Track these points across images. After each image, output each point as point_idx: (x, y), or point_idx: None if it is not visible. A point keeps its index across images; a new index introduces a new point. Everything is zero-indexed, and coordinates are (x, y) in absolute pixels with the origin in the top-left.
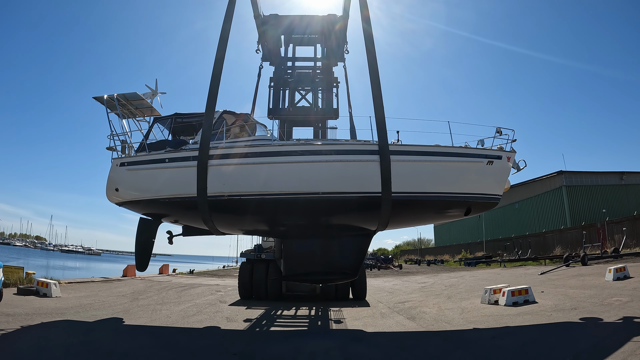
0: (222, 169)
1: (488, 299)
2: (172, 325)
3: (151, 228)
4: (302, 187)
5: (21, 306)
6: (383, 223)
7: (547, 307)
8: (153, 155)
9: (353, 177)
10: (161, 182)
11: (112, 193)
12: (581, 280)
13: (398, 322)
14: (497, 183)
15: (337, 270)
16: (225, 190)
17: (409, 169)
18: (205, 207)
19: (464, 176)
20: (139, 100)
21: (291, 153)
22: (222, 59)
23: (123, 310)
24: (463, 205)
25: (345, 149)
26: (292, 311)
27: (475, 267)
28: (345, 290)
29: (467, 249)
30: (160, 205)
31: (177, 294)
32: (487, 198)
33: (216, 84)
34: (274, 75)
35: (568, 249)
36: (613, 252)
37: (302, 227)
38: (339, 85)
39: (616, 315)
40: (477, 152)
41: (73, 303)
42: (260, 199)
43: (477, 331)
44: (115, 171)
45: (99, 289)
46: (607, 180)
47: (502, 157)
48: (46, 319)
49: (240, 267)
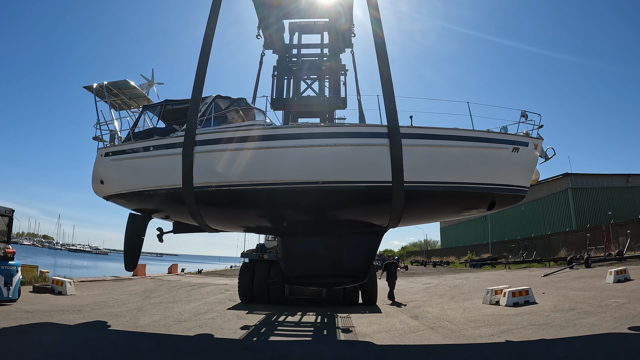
0: (209, 156)
1: (489, 300)
2: (185, 321)
3: (140, 224)
4: (298, 176)
5: (38, 303)
6: (394, 218)
7: (546, 308)
8: (137, 143)
9: (359, 164)
10: (146, 173)
11: (97, 186)
12: (583, 282)
13: (402, 320)
14: (523, 173)
15: (344, 272)
16: (213, 180)
17: (423, 155)
18: (191, 199)
19: (486, 164)
20: (131, 89)
21: (285, 137)
22: (212, 33)
23: (137, 308)
24: (486, 198)
25: (348, 131)
26: (295, 317)
27: (480, 269)
28: (354, 294)
29: (473, 250)
30: (146, 198)
31: (187, 292)
32: (512, 190)
33: (205, 61)
34: (278, 64)
35: (573, 251)
36: (617, 254)
37: (302, 223)
38: (347, 74)
39: (612, 315)
40: (501, 137)
41: (88, 300)
42: (251, 190)
43: (476, 329)
44: (99, 162)
45: (111, 287)
46: (613, 182)
47: (528, 143)
48: (64, 315)
49: (241, 268)
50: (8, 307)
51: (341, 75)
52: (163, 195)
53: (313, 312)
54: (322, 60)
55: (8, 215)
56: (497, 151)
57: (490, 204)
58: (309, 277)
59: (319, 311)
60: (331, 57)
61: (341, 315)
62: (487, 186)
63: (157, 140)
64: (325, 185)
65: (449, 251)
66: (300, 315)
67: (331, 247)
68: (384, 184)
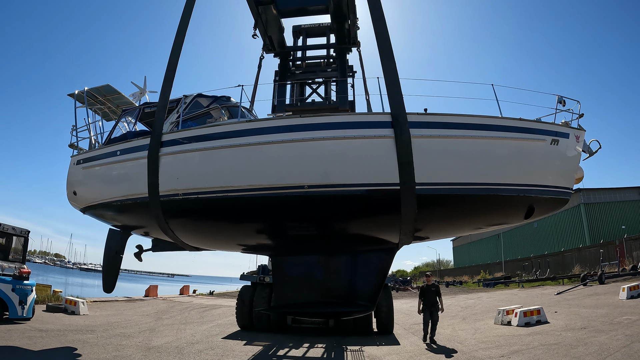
0: (175, 158)
1: (501, 320)
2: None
3: (119, 241)
4: (278, 180)
5: (52, 322)
6: (407, 231)
7: (558, 327)
8: (106, 148)
9: (355, 162)
10: (114, 181)
11: (71, 197)
12: (595, 300)
13: (412, 342)
14: (565, 171)
15: (347, 299)
16: (180, 187)
17: (440, 149)
18: (158, 211)
19: (521, 160)
20: (115, 94)
21: (261, 131)
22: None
23: (149, 329)
24: (523, 203)
25: (340, 121)
26: (299, 350)
27: (493, 288)
28: (367, 322)
29: (486, 269)
30: (115, 210)
31: (199, 314)
32: (554, 192)
33: (177, 52)
34: (280, 68)
35: (587, 268)
36: (631, 269)
37: (290, 238)
38: (355, 75)
39: (623, 333)
40: (537, 126)
41: (101, 321)
42: (222, 198)
43: (486, 350)
44: (72, 171)
45: (124, 308)
46: (626, 195)
47: (569, 135)
48: (77, 335)
49: (240, 292)
50: (22, 326)
51: (349, 77)
52: (131, 207)
53: (322, 344)
54: (329, 61)
55: (24, 236)
56: (533, 143)
57: (528, 211)
58: (303, 306)
59: (326, 341)
60: (337, 58)
61: (352, 348)
62: (523, 187)
63: (124, 143)
64: (312, 190)
65: (462, 270)
66: (305, 349)
67: (330, 268)
68: (389, 187)
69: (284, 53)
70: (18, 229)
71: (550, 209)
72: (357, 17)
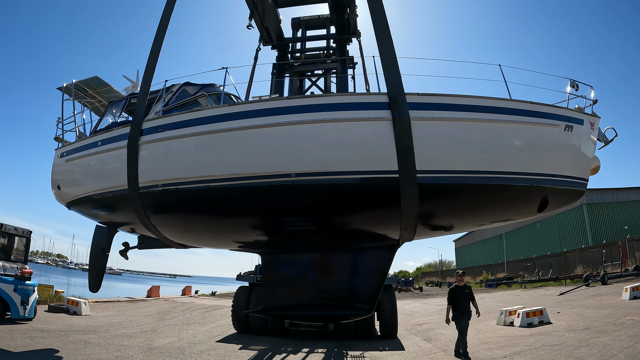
0: (154, 147)
1: (504, 321)
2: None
3: (105, 238)
4: (262, 167)
5: (54, 323)
6: (408, 225)
7: (561, 328)
8: (88, 139)
9: (348, 148)
10: (94, 173)
11: (55, 192)
12: (598, 300)
13: (414, 343)
14: (580, 160)
15: (344, 301)
16: (159, 178)
17: (444, 133)
18: (138, 204)
19: (533, 147)
20: (105, 87)
21: (240, 115)
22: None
23: (151, 329)
24: (536, 194)
25: (330, 102)
26: (297, 355)
27: (495, 289)
28: (369, 325)
29: (489, 270)
30: (96, 205)
31: (201, 315)
32: (569, 182)
33: (160, 38)
34: (278, 61)
35: (589, 268)
36: (634, 270)
37: (279, 234)
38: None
39: (626, 334)
40: (550, 110)
41: (103, 321)
42: (203, 189)
43: (489, 351)
44: (56, 164)
45: (126, 308)
46: (629, 196)
47: (584, 121)
48: (79, 335)
49: (236, 293)
50: (24, 326)
51: (349, 68)
52: (112, 200)
53: (322, 349)
54: (329, 52)
55: (26, 236)
56: (545, 129)
57: (542, 203)
58: (297, 309)
59: (326, 346)
60: (337, 49)
61: (353, 353)
62: (537, 177)
63: (105, 133)
64: (299, 179)
65: (465, 271)
66: (305, 354)
67: (324, 267)
68: (387, 175)
69: (282, 45)
70: (20, 229)
71: (564, 202)
72: (356, 5)
